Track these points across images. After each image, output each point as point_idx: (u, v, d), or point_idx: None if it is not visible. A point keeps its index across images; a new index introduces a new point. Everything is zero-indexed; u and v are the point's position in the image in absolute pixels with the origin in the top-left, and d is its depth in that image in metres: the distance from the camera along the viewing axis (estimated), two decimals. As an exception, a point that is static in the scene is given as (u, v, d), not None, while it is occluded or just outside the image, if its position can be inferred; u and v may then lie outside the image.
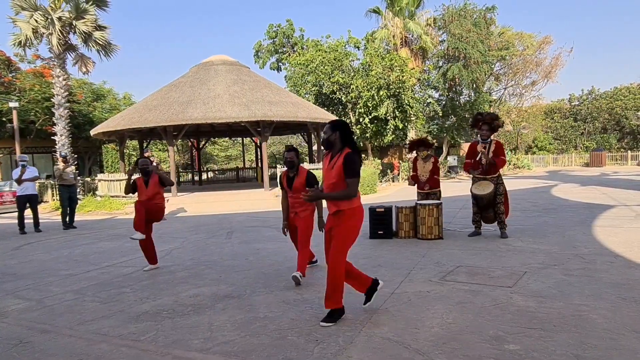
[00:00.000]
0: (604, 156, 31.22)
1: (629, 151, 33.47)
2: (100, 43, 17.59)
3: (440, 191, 7.81)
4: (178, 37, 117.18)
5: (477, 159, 6.87)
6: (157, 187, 5.85)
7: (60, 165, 10.93)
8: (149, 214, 5.77)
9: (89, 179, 20.38)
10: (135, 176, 5.98)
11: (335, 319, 3.62)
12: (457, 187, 16.97)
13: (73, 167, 11.09)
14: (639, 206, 9.58)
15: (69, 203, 10.89)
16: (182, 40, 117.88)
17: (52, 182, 18.97)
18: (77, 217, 13.64)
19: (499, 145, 6.87)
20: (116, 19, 77.99)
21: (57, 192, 11.13)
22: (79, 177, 17.93)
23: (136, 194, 5.89)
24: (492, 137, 6.89)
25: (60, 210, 11.03)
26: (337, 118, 3.71)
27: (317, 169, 16.53)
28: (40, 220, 10.66)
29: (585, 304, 3.77)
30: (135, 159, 6.72)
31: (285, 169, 5.12)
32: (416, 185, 7.82)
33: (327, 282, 3.59)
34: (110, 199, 15.27)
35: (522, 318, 3.52)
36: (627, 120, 36.41)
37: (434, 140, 25.45)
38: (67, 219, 10.83)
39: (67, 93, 17.93)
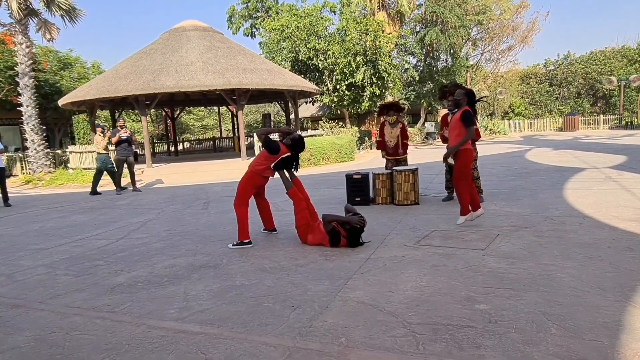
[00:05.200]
0: (577, 120, 31.76)
1: (601, 115, 34.14)
2: (64, 7, 16.64)
3: (406, 157, 7.83)
4: (147, 2, 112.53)
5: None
6: None
7: (101, 135, 11.33)
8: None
9: (59, 151, 19.78)
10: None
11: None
12: (433, 153, 17.12)
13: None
14: (609, 169, 9.84)
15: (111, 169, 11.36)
16: (151, 6, 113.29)
17: (20, 155, 18.36)
18: (48, 191, 13.36)
19: None
20: (81, -17, 74.05)
21: (112, 161, 11.59)
22: (48, 150, 17.40)
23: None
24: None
25: (115, 175, 11.30)
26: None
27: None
28: (9, 195, 10.36)
29: (554, 263, 3.88)
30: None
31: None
32: (385, 152, 7.81)
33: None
34: (82, 171, 14.89)
35: (493, 279, 3.60)
36: (601, 85, 37.01)
37: (407, 105, 25.37)
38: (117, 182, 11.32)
39: (31, 61, 17.06)
